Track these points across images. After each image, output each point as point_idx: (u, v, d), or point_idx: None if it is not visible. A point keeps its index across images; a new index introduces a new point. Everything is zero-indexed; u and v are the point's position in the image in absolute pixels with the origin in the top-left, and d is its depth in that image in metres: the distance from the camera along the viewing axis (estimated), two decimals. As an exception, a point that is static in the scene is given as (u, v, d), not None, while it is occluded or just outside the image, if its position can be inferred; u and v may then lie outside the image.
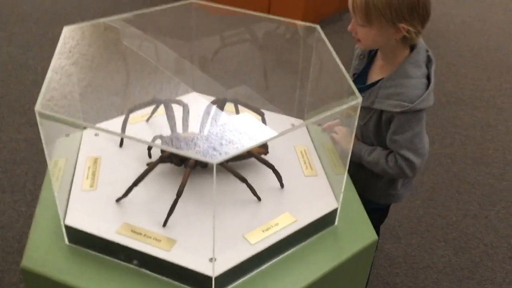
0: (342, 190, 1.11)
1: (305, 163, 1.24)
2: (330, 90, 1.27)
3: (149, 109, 1.31)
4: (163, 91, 1.46)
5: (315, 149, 1.31)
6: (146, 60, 1.47)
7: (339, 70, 1.09)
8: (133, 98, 1.41)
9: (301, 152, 1.27)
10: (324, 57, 1.25)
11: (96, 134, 1.29)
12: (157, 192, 1.12)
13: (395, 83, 1.25)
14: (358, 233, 1.12)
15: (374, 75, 1.34)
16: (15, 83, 2.97)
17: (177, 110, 1.25)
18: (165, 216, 1.02)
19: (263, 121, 1.30)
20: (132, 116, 1.25)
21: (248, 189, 1.09)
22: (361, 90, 0.99)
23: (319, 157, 1.27)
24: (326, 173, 1.22)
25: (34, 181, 2.24)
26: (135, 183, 1.06)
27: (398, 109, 1.21)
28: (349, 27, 1.27)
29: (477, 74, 3.49)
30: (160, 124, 1.29)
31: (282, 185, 1.15)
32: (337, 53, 1.14)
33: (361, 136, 1.35)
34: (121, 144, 1.25)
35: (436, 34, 4.07)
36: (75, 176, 1.15)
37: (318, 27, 1.26)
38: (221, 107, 1.27)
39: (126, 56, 1.49)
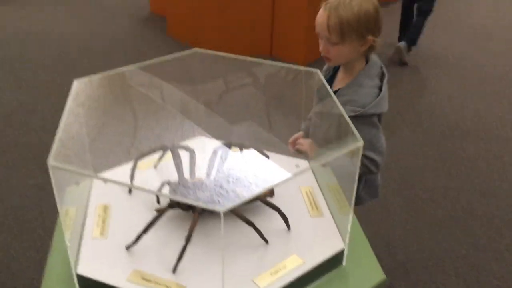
0: (348, 230, 1.12)
1: (310, 204, 1.26)
2: (332, 131, 1.31)
3: (157, 154, 1.34)
4: (170, 135, 1.49)
5: (320, 189, 1.33)
6: (154, 104, 1.52)
7: (339, 112, 1.13)
8: (142, 142, 1.44)
9: (307, 193, 1.29)
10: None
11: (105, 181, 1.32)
12: (166, 237, 1.13)
13: (349, 91, 1.41)
14: (366, 273, 1.13)
15: (336, 87, 1.49)
16: (25, 129, 3.03)
17: (184, 153, 1.28)
18: (175, 261, 1.04)
19: (268, 163, 1.33)
20: (140, 162, 1.28)
21: (255, 232, 1.11)
22: None
23: (324, 198, 1.29)
24: (331, 213, 1.24)
25: (44, 226, 2.26)
26: (145, 230, 1.08)
27: (352, 114, 1.33)
28: (321, 48, 1.41)
29: (479, 105, 3.53)
30: (167, 169, 1.32)
31: (288, 227, 1.17)
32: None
33: (325, 141, 1.46)
34: (130, 191, 1.28)
35: (436, 67, 4.14)
36: (86, 224, 1.18)
37: (318, 71, 1.31)
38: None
39: (134, 101, 1.53)
